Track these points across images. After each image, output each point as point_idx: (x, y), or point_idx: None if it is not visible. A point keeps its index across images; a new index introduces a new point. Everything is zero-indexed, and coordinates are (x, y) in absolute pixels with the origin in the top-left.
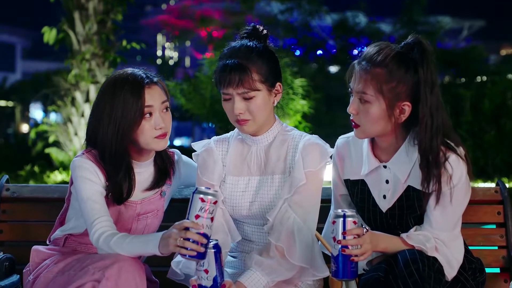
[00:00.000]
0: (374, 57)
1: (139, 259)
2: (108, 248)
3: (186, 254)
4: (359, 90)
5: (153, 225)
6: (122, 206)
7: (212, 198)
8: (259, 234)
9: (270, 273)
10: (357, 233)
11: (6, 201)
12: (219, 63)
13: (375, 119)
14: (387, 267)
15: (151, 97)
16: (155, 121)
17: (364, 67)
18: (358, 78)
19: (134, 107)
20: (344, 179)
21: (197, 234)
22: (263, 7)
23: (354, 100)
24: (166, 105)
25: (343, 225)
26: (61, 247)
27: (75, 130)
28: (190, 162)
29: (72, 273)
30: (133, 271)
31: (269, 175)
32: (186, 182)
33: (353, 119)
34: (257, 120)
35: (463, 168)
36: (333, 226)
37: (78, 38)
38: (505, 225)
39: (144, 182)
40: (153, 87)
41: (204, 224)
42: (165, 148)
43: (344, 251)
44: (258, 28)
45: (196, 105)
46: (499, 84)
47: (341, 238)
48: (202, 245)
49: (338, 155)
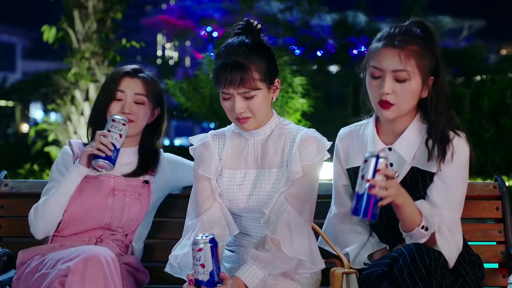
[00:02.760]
0: (407, 34)
1: (126, 251)
2: (37, 211)
3: (97, 155)
4: (396, 68)
5: (134, 208)
6: (97, 181)
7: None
8: (257, 228)
9: (266, 266)
10: (389, 175)
11: (4, 196)
12: (217, 62)
13: (412, 96)
14: (392, 262)
15: (126, 84)
16: (122, 106)
17: (400, 45)
18: (392, 56)
19: (108, 86)
20: (347, 168)
21: (105, 139)
22: (262, 6)
23: (388, 80)
24: (140, 99)
25: (375, 164)
26: (47, 244)
27: (74, 128)
28: (174, 158)
29: (45, 272)
30: (100, 263)
31: (266, 169)
32: (174, 177)
33: (386, 99)
34: (257, 117)
35: (467, 149)
36: (364, 164)
37: (78, 36)
38: (504, 220)
39: (124, 166)
40: (133, 79)
41: (112, 136)
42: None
43: (370, 190)
44: (252, 22)
45: (196, 103)
46: (499, 83)
47: (371, 177)
48: (110, 150)
49: (342, 145)
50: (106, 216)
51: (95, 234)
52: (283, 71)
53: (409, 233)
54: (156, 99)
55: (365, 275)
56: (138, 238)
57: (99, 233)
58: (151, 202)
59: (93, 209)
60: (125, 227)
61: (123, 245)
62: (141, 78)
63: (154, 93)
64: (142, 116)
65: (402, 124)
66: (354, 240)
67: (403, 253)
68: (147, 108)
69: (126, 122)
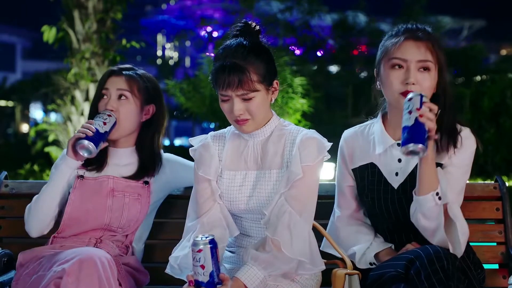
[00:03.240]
0: (425, 30)
1: (126, 251)
2: (30, 209)
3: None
4: (421, 58)
5: (134, 208)
6: (97, 182)
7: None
8: (257, 229)
9: (266, 267)
10: (432, 108)
11: (4, 197)
12: (216, 64)
13: (432, 86)
14: (408, 264)
15: (110, 82)
16: (106, 102)
17: (423, 37)
18: (416, 48)
19: (98, 86)
20: (353, 168)
21: (87, 124)
22: (262, 6)
23: (413, 69)
24: (121, 93)
25: (421, 99)
26: (47, 245)
27: (74, 128)
28: (174, 158)
29: (41, 274)
30: (95, 265)
31: (267, 170)
32: (174, 178)
33: (411, 89)
34: (256, 119)
35: (474, 140)
36: (409, 102)
37: (78, 37)
38: (504, 221)
39: (123, 167)
40: (118, 76)
41: (95, 122)
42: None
43: (421, 117)
44: (250, 24)
45: (196, 103)
46: (499, 83)
47: (419, 107)
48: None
49: (347, 145)
50: (105, 217)
51: (95, 235)
52: (283, 71)
53: (422, 197)
54: (146, 95)
55: (375, 275)
56: (138, 239)
57: (99, 234)
58: (151, 203)
59: (93, 210)
60: (125, 228)
61: (123, 246)
62: (125, 75)
63: (142, 89)
64: (126, 112)
65: None
66: (360, 240)
67: (420, 255)
68: (132, 104)
69: (113, 114)
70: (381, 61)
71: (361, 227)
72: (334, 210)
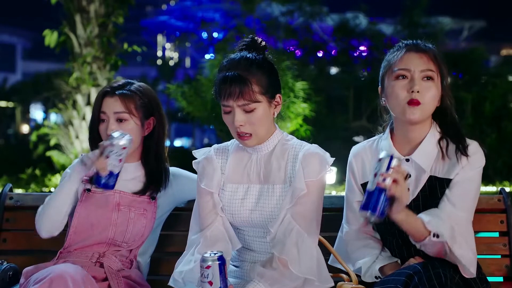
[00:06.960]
0: (425, 43)
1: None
2: (39, 214)
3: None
4: (423, 67)
5: (139, 223)
6: (103, 196)
7: (120, 143)
8: (259, 243)
9: (272, 283)
10: (402, 173)
11: (9, 209)
12: (219, 75)
13: (435, 96)
14: (407, 280)
15: (106, 104)
16: (106, 127)
17: (424, 48)
18: (418, 58)
19: (94, 110)
20: (362, 183)
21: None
22: (264, 9)
23: (417, 78)
24: (120, 116)
25: (389, 162)
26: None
27: (76, 133)
28: (179, 172)
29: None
30: (65, 283)
31: (270, 185)
32: (180, 191)
33: (416, 98)
34: (258, 133)
35: (482, 156)
36: (378, 163)
37: (79, 41)
38: (508, 233)
39: (129, 181)
40: (112, 97)
41: (111, 162)
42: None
43: (380, 184)
44: (257, 39)
45: (197, 107)
46: (500, 87)
47: (385, 172)
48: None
49: (356, 160)
50: (110, 231)
51: (99, 249)
52: (284, 75)
53: (421, 243)
54: (144, 111)
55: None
56: (143, 253)
57: (103, 249)
58: (157, 217)
59: (97, 224)
60: (129, 242)
61: (128, 260)
62: (120, 95)
63: (139, 107)
64: (129, 133)
65: (420, 133)
66: (367, 254)
67: (418, 270)
68: (132, 124)
69: (127, 144)
70: (384, 75)
71: (369, 241)
72: (342, 225)
